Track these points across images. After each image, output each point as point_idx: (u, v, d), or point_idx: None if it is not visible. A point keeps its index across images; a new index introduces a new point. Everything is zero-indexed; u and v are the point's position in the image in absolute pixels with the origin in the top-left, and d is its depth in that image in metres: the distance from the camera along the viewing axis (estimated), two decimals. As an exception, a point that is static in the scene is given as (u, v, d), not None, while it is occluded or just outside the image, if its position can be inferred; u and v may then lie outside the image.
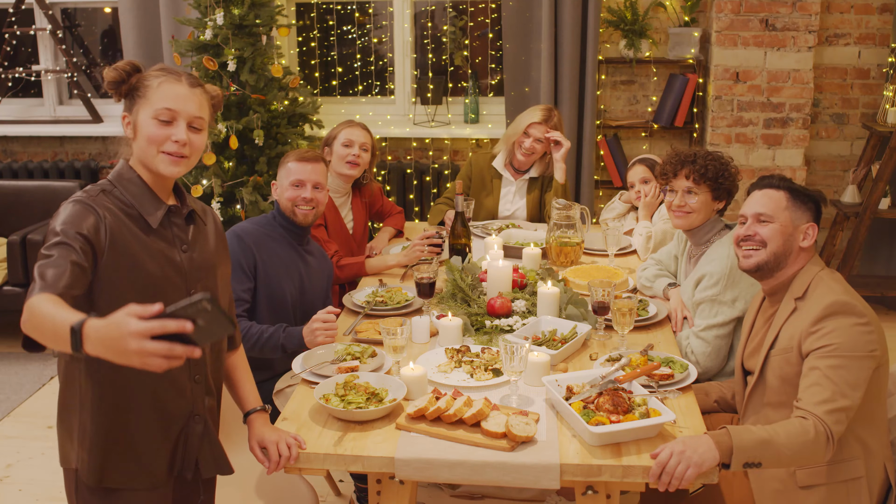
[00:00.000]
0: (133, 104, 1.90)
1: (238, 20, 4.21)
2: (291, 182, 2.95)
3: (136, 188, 1.90)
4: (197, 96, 1.92)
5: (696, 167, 2.81)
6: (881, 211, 4.63)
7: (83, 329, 1.46)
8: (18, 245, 4.41)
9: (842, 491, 2.14)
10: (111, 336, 1.42)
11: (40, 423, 3.87)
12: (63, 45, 5.16)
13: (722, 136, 4.72)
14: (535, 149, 3.85)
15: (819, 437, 2.00)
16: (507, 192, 3.99)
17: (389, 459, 2.01)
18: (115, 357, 1.43)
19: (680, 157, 2.86)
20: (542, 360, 2.34)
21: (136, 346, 1.39)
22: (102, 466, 1.87)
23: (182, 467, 1.96)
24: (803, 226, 2.29)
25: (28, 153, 5.41)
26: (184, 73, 1.94)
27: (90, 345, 1.45)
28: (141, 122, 1.88)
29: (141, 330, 1.39)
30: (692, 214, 2.84)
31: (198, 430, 1.97)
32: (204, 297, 1.41)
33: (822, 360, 2.08)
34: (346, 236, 3.59)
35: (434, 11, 5.27)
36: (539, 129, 3.82)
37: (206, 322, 1.42)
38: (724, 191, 2.83)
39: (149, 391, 1.89)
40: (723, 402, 2.61)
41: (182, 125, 1.88)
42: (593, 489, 2.02)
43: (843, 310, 2.12)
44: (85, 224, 1.77)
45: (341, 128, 3.59)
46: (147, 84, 1.89)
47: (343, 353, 2.49)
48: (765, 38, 4.59)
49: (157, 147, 1.88)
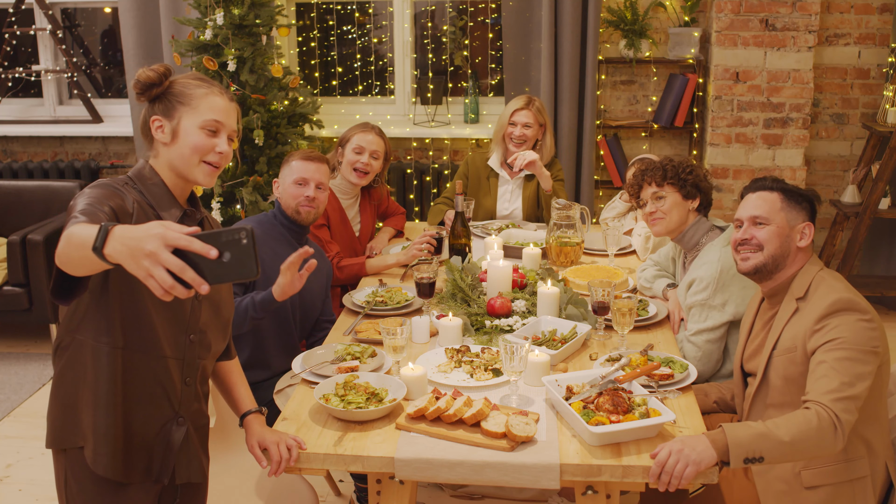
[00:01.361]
0: (171, 110, 1.91)
1: (238, 20, 4.21)
2: (295, 180, 2.96)
3: (158, 189, 1.91)
4: (235, 110, 1.99)
5: (654, 172, 2.88)
6: (881, 211, 4.63)
7: (112, 229, 1.41)
8: (18, 245, 4.41)
9: (847, 490, 2.14)
10: (135, 234, 1.37)
11: (40, 423, 3.87)
12: (63, 45, 5.16)
13: (722, 136, 4.72)
14: (525, 136, 3.88)
15: (824, 423, 1.98)
16: (505, 191, 4.00)
17: (389, 459, 2.01)
18: (127, 259, 1.37)
19: (638, 172, 2.95)
20: (542, 360, 2.34)
21: (153, 248, 1.34)
22: (95, 450, 1.86)
23: (160, 472, 1.94)
24: (799, 225, 2.30)
25: (28, 153, 5.41)
26: (220, 87, 1.98)
27: (111, 243, 1.40)
28: (185, 130, 1.90)
29: (166, 235, 1.34)
30: (665, 218, 2.87)
31: (179, 434, 1.95)
32: (245, 228, 1.35)
33: (829, 353, 2.09)
34: (352, 238, 3.59)
35: (434, 11, 5.27)
36: (523, 115, 3.88)
37: (233, 257, 1.35)
38: (691, 186, 2.85)
39: (140, 380, 1.88)
40: (722, 402, 2.61)
41: (224, 137, 1.94)
42: (593, 489, 2.02)
43: (847, 307, 2.13)
44: (113, 201, 1.77)
45: (355, 131, 3.57)
46: (190, 93, 1.91)
47: (343, 353, 2.49)
48: (765, 38, 4.59)
49: (200, 156, 1.91)
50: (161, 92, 1.92)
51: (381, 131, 3.61)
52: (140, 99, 1.93)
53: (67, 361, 1.88)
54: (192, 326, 1.94)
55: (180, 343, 1.92)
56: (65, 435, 1.90)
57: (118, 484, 1.90)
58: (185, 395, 1.96)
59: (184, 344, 1.93)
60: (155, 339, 1.87)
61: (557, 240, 3.34)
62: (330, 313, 3.14)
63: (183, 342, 1.93)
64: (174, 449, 1.95)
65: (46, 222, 4.61)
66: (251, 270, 1.38)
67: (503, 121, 3.93)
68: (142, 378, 1.88)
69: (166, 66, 1.93)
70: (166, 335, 1.89)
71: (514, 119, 3.89)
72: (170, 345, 1.90)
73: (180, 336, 1.92)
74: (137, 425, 1.90)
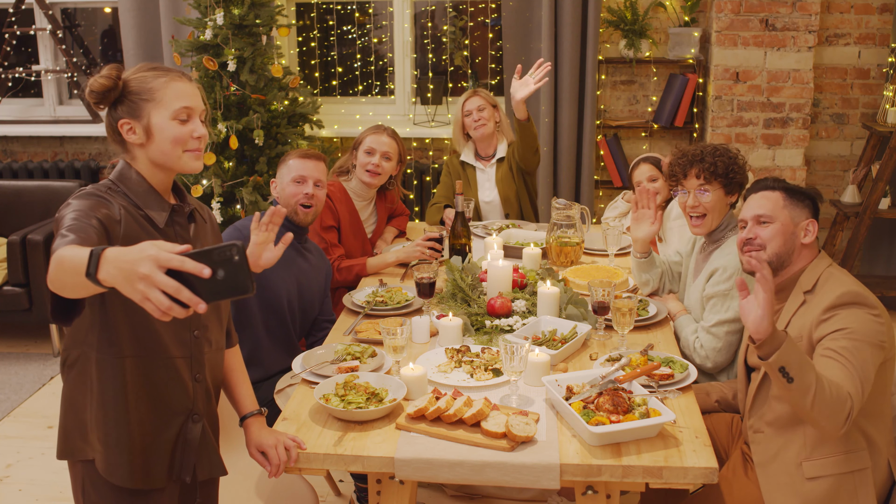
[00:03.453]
0: (137, 109, 1.86)
1: (238, 20, 4.21)
2: (293, 178, 2.96)
3: (141, 188, 1.89)
4: (197, 90, 1.95)
5: (706, 165, 2.78)
6: (881, 211, 4.63)
7: (103, 253, 1.39)
8: (18, 245, 4.41)
9: (849, 481, 2.15)
10: (128, 257, 1.35)
11: (40, 423, 3.87)
12: (63, 45, 5.16)
13: (722, 136, 4.71)
14: (482, 118, 3.94)
15: (845, 402, 1.98)
16: (483, 179, 4.06)
17: (389, 459, 2.01)
18: (122, 283, 1.36)
19: (688, 156, 2.83)
20: (542, 360, 2.34)
21: (146, 271, 1.32)
22: (107, 461, 1.86)
23: (181, 470, 1.95)
24: (803, 223, 2.32)
25: (28, 153, 5.41)
26: (175, 69, 1.93)
27: (105, 267, 1.38)
28: (158, 126, 1.87)
29: (159, 257, 1.33)
30: (708, 217, 2.80)
31: (196, 431, 1.96)
32: (235, 244, 1.34)
33: (835, 342, 2.09)
34: (364, 240, 3.59)
35: (434, 11, 5.27)
36: (474, 101, 3.96)
37: (226, 275, 1.34)
38: (735, 185, 2.81)
39: (150, 385, 1.88)
40: (724, 402, 2.61)
41: (197, 120, 1.92)
42: (593, 489, 2.02)
43: (855, 300, 2.14)
44: (99, 212, 1.75)
45: (368, 133, 3.59)
46: (150, 87, 1.87)
47: (343, 353, 2.49)
48: (765, 38, 4.59)
49: (182, 147, 1.89)
50: (119, 95, 1.87)
51: (394, 132, 3.61)
52: (99, 107, 1.88)
53: (76, 375, 1.88)
54: (195, 322, 1.94)
55: (185, 341, 1.92)
56: (75, 447, 1.90)
57: (138, 490, 1.90)
58: (196, 392, 1.96)
59: (189, 341, 1.93)
60: (160, 342, 1.87)
61: (557, 240, 3.34)
62: (330, 313, 3.14)
63: (188, 339, 1.93)
64: (194, 446, 1.95)
65: (46, 222, 4.61)
66: (246, 286, 1.36)
67: (457, 117, 4.04)
68: (152, 383, 1.88)
69: (115, 66, 1.88)
70: (170, 336, 1.89)
71: (467, 108, 3.98)
72: (175, 345, 1.90)
73: (184, 334, 1.92)
74: (153, 430, 1.90)
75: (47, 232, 4.45)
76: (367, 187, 3.60)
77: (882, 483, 2.20)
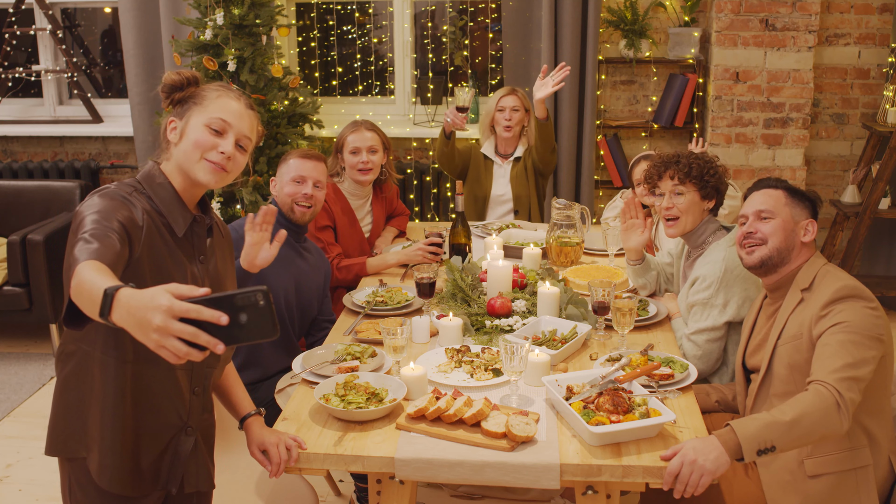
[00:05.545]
0: (185, 111, 1.90)
1: (238, 20, 4.21)
2: (292, 178, 2.96)
3: (166, 193, 1.88)
4: (251, 118, 1.95)
5: (681, 167, 2.81)
6: (881, 211, 4.63)
7: (116, 294, 1.37)
8: (18, 245, 4.41)
9: (851, 479, 2.16)
10: (140, 304, 1.33)
11: (40, 423, 3.87)
12: (63, 45, 5.16)
13: (722, 136, 4.72)
14: (514, 118, 3.99)
15: (826, 401, 1.98)
16: (499, 174, 4.11)
17: (389, 459, 2.01)
18: (136, 330, 1.34)
19: (663, 159, 2.87)
20: (542, 360, 2.34)
21: (161, 322, 1.29)
22: (98, 462, 1.85)
23: (168, 481, 1.93)
24: (803, 221, 2.35)
25: (28, 153, 5.41)
26: (243, 93, 1.96)
27: (118, 311, 1.36)
28: (190, 127, 1.88)
29: (172, 308, 1.30)
30: (681, 218, 2.82)
31: (189, 444, 1.95)
32: (261, 289, 1.30)
33: (834, 336, 2.11)
34: (361, 238, 3.58)
35: (434, 11, 5.27)
36: (510, 100, 4.01)
37: (250, 319, 1.30)
38: (711, 188, 2.83)
39: (149, 393, 1.87)
40: (724, 402, 2.61)
41: (231, 139, 1.90)
42: (593, 489, 2.02)
43: (853, 294, 2.16)
44: (121, 214, 1.73)
45: (347, 133, 3.55)
46: (204, 94, 1.91)
47: (343, 352, 2.49)
48: (765, 38, 4.59)
49: (201, 152, 1.87)
50: (182, 97, 1.91)
51: (372, 125, 3.59)
52: (165, 104, 1.92)
53: (73, 370, 1.85)
54: None
55: None
56: (67, 444, 1.87)
57: (124, 496, 1.89)
58: (193, 405, 1.95)
59: None
60: None
61: (557, 240, 3.34)
62: (329, 313, 3.14)
63: None
64: (183, 459, 1.94)
65: (46, 222, 4.61)
66: (270, 331, 1.33)
67: (490, 109, 4.06)
68: (151, 390, 1.87)
69: (194, 73, 1.92)
70: None
71: (502, 104, 4.01)
72: None
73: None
74: (146, 437, 1.89)
75: (47, 232, 4.45)
76: (362, 185, 3.59)
77: (883, 480, 2.20)
